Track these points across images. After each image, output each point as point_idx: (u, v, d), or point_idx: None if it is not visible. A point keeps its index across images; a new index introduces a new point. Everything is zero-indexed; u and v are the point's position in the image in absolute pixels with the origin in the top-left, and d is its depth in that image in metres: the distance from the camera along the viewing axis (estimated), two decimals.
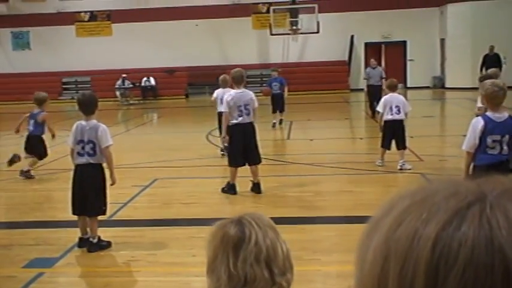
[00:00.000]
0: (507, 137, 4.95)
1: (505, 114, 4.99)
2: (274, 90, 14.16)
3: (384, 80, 14.37)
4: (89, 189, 5.48)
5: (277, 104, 14.15)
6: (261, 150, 7.76)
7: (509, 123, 4.97)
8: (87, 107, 5.53)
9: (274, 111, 14.20)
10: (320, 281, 4.74)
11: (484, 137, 4.92)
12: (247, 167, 7.50)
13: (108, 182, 5.67)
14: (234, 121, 7.32)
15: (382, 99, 9.12)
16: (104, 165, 5.64)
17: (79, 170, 5.53)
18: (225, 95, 7.55)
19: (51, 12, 27.52)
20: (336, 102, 20.90)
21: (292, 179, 8.44)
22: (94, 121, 5.52)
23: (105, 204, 5.60)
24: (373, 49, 26.58)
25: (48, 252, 5.49)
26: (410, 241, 0.52)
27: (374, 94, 14.74)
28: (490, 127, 4.91)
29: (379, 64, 20.82)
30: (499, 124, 4.93)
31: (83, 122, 5.51)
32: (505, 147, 4.96)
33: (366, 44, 26.77)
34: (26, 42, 28.29)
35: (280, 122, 14.23)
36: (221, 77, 10.25)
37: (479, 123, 4.96)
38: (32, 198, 7.88)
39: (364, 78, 16.15)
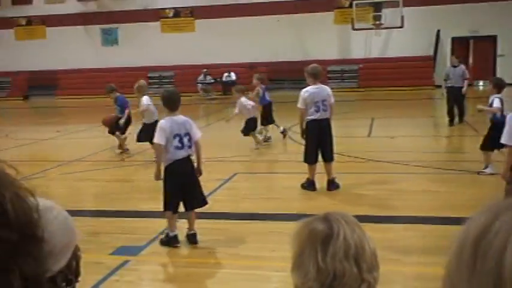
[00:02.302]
0: None
1: None
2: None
3: (466, 82, 13.02)
4: (194, 182, 5.52)
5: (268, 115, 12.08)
6: (338, 148, 7.69)
7: None
8: (175, 103, 5.54)
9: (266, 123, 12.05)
10: (400, 281, 4.66)
11: None
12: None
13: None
14: (311, 117, 7.28)
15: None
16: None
17: (179, 164, 5.42)
18: (302, 91, 7.39)
19: (137, 9, 28.54)
20: (420, 99, 20.30)
21: (372, 177, 8.31)
22: (181, 115, 5.58)
23: (203, 194, 5.70)
24: (460, 44, 25.55)
25: (134, 240, 5.73)
26: None
27: (454, 97, 13.02)
28: None
29: (466, 61, 19.92)
30: None
31: (173, 117, 5.48)
32: None
33: (453, 39, 25.75)
34: (114, 38, 29.50)
35: (266, 138, 11.86)
36: (141, 82, 10.07)
37: None
38: (118, 189, 8.23)
39: (444, 79, 13.74)
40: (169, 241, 5.53)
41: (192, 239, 5.60)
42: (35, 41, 29.79)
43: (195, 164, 5.64)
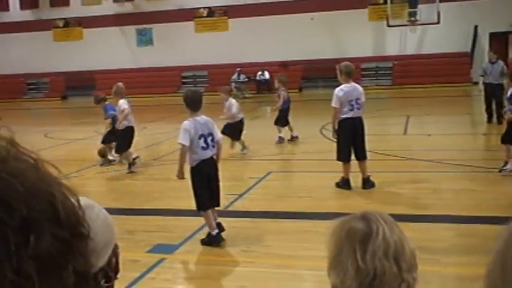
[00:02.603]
0: None
1: None
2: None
3: (505, 78, 12.49)
4: (218, 182, 5.69)
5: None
6: (373, 145, 7.61)
7: None
8: (197, 103, 5.61)
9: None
10: (438, 282, 4.57)
11: None
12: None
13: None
14: (346, 115, 7.25)
15: None
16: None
17: (206, 163, 5.54)
18: (336, 90, 7.31)
19: (172, 9, 28.81)
20: (457, 96, 19.92)
21: (408, 175, 8.19)
22: (203, 115, 5.61)
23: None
24: (498, 40, 24.93)
25: (170, 239, 5.78)
26: None
27: (493, 94, 12.64)
28: None
29: (504, 57, 19.43)
30: None
31: (196, 118, 5.53)
32: None
33: (491, 34, 25.17)
34: (149, 39, 29.85)
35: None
36: (119, 85, 9.71)
37: None
38: (154, 187, 8.32)
39: (481, 75, 13.53)
40: (212, 240, 5.55)
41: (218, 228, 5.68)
42: (73, 42, 30.39)
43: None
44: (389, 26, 24.17)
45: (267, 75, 26.44)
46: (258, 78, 26.41)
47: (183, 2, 28.81)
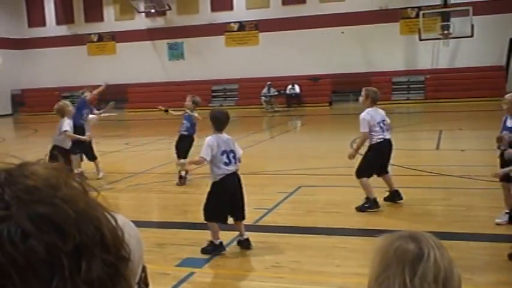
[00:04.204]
0: None
1: None
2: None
3: None
4: (242, 195, 5.84)
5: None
6: (405, 160, 7.50)
7: None
8: (223, 124, 5.86)
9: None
10: None
11: None
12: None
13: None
14: (381, 136, 7.18)
15: None
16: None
17: (230, 178, 5.75)
18: (361, 116, 7.21)
19: (203, 23, 29.13)
20: (492, 110, 19.53)
21: (440, 191, 8.04)
22: (225, 134, 5.85)
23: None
24: None
25: (199, 252, 5.79)
26: None
27: None
28: None
29: None
30: None
31: (219, 135, 5.78)
32: None
33: None
34: (180, 53, 30.21)
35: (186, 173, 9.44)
36: (62, 103, 9.43)
37: None
38: (184, 201, 8.36)
39: None
40: (215, 249, 5.72)
41: (245, 244, 5.81)
42: (106, 56, 30.96)
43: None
44: (421, 39, 23.96)
45: (297, 89, 26.44)
46: (288, 92, 26.43)
47: (215, 17, 29.11)
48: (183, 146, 9.27)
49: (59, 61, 31.11)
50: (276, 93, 25.89)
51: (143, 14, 29.55)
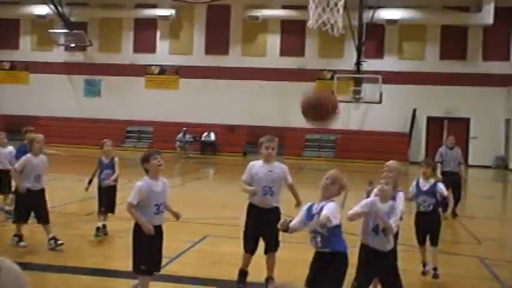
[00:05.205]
0: None
1: None
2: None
3: (462, 167, 11.52)
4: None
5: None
6: None
7: None
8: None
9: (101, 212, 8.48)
10: None
11: None
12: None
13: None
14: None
15: None
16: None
17: (160, 230, 5.32)
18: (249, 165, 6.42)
19: (124, 63, 28.91)
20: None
21: None
22: (162, 178, 5.46)
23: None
24: (435, 124, 26.33)
25: None
26: None
27: (450, 184, 10.43)
28: None
29: (440, 141, 20.17)
30: None
31: (150, 179, 5.31)
32: None
33: (428, 118, 26.53)
34: (97, 90, 29.69)
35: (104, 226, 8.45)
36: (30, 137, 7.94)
37: None
38: (83, 243, 8.04)
39: (437, 161, 11.35)
40: None
41: None
42: (18, 85, 29.83)
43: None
44: None
45: (212, 137, 26.62)
46: (203, 139, 26.54)
47: (136, 58, 29.02)
48: (111, 197, 8.37)
49: None
50: (191, 139, 25.92)
51: (62, 47, 28.89)
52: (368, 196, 5.46)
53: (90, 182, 8.89)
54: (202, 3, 25.17)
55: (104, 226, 8.31)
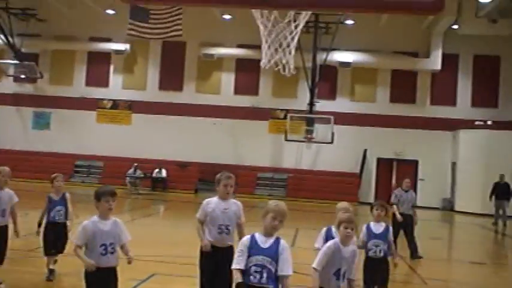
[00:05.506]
0: None
1: None
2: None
3: (414, 209, 11.77)
4: None
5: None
6: None
7: None
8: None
9: None
10: None
11: None
12: None
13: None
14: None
15: None
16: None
17: (111, 272, 5.13)
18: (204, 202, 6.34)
19: (75, 96, 28.46)
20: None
21: None
22: (113, 217, 5.27)
23: None
24: (385, 165, 26.88)
25: None
26: None
27: (404, 226, 11.38)
28: None
29: (389, 182, 20.56)
30: None
31: (99, 220, 5.11)
32: None
33: (379, 159, 27.08)
34: (46, 123, 29.02)
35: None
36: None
37: None
38: (25, 283, 7.70)
39: (393, 204, 11.57)
40: None
41: None
42: None
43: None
44: (287, 140, 25.27)
45: (164, 173, 26.30)
46: (154, 175, 26.18)
47: (88, 91, 28.65)
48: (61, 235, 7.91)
49: None
50: (142, 175, 25.54)
51: (11, 77, 28.23)
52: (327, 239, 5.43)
53: (39, 224, 8.10)
54: (157, 39, 25.18)
55: (52, 271, 7.81)
